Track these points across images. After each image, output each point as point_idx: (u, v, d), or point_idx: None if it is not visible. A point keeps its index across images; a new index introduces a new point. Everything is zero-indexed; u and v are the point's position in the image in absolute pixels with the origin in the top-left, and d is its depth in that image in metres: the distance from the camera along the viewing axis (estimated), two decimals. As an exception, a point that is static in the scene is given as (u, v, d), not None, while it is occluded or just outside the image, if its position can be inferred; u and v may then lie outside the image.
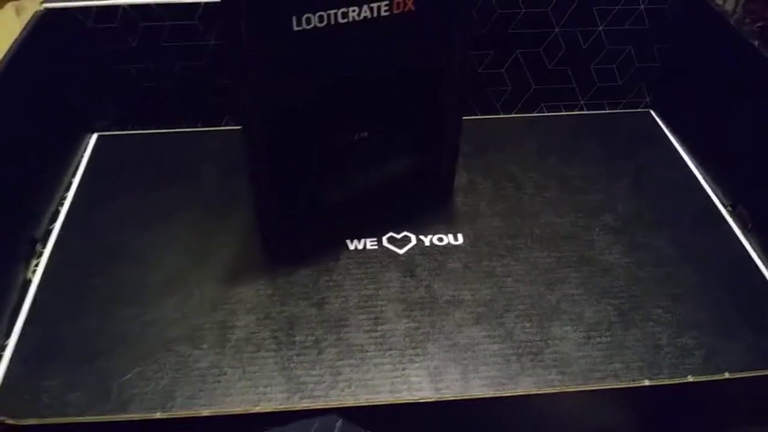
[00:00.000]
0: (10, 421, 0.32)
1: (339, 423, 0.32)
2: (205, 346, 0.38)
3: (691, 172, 0.52)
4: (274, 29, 0.34)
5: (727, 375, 0.35)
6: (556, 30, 0.54)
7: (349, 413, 0.33)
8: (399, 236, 0.45)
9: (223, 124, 0.55)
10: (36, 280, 0.41)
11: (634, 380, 0.36)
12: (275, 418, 0.33)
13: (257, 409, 0.33)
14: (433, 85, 0.42)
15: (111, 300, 0.40)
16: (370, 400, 0.35)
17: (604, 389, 0.36)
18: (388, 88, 0.40)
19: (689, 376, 0.36)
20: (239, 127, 0.38)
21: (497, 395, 0.35)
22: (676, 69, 0.56)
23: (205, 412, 0.33)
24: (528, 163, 0.52)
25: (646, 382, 0.35)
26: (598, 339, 0.39)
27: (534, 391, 0.36)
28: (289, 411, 0.33)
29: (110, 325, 0.39)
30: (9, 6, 0.68)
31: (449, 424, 0.37)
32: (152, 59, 0.51)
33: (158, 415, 0.32)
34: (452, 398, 0.35)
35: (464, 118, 0.45)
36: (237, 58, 0.34)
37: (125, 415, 0.33)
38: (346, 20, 0.35)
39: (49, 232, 0.45)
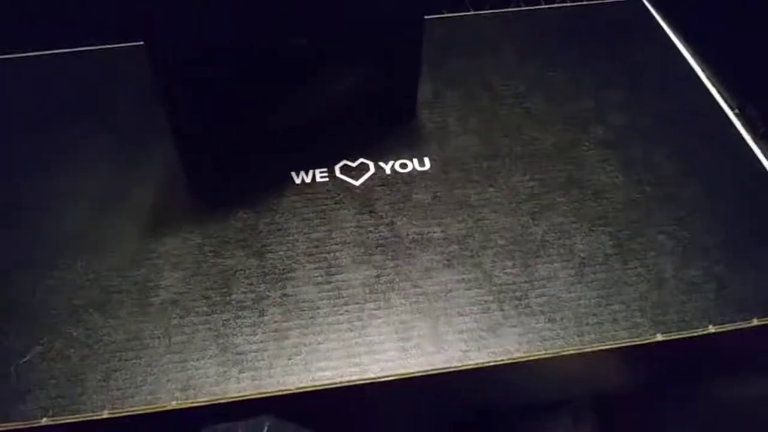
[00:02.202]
0: None
1: (266, 428, 0.26)
2: (122, 313, 0.32)
3: (692, 69, 0.45)
4: None
5: (755, 321, 0.30)
6: None
7: (291, 400, 0.27)
8: (354, 164, 0.38)
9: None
10: None
11: (641, 336, 0.30)
12: (205, 411, 0.27)
13: (172, 406, 0.27)
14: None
15: (6, 263, 0.34)
16: (316, 382, 0.29)
17: (603, 350, 0.30)
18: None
19: (710, 326, 0.30)
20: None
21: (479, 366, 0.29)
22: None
23: (105, 414, 0.26)
24: (504, 68, 0.45)
25: (659, 337, 0.30)
26: (592, 276, 0.33)
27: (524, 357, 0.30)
28: (213, 404, 0.27)
29: (5, 294, 0.32)
30: None
31: (416, 396, 0.31)
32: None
33: (44, 422, 0.26)
34: (421, 373, 0.29)
35: (427, 17, 0.37)
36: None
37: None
38: None
39: (-71, 182, 0.37)
